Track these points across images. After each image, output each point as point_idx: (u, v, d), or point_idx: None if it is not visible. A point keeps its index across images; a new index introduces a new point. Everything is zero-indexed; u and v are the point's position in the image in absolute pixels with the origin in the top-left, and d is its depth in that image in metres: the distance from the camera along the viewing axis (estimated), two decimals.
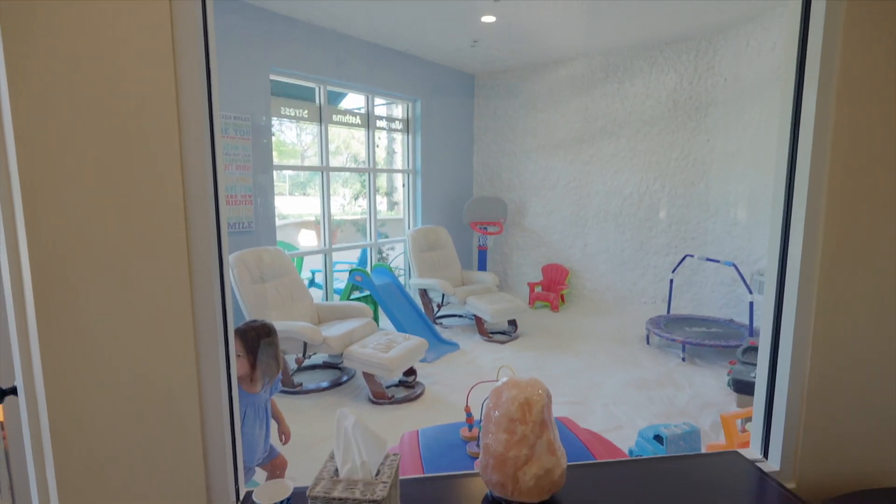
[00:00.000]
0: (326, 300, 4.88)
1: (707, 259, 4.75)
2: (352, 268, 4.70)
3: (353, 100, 5.23)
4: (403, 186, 5.83)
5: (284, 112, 4.40)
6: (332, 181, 4.91)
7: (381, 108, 5.53)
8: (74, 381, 0.85)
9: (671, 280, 4.95)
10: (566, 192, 5.90)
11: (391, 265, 5.73)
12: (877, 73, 1.10)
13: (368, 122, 5.19)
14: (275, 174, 4.18)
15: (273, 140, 4.19)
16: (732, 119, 4.73)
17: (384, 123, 5.52)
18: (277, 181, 4.30)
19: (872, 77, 1.10)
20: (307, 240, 6.47)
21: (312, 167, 4.85)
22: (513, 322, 4.90)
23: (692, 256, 4.93)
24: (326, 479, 0.86)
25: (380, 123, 5.42)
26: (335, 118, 4.86)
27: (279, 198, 4.47)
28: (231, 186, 3.82)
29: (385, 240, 6.03)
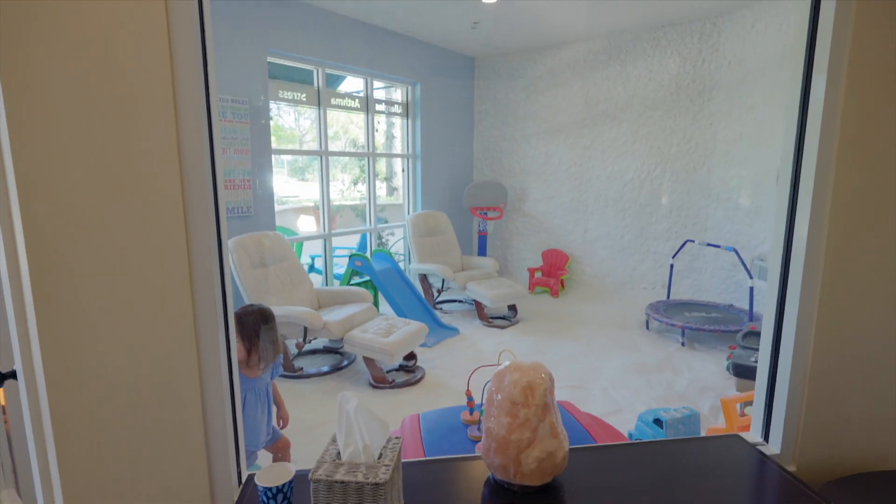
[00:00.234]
0: (326, 285, 4.88)
1: (708, 244, 4.74)
2: (351, 253, 4.69)
3: (352, 83, 5.17)
4: (403, 171, 5.79)
5: (282, 95, 4.34)
6: (332, 167, 4.87)
7: (380, 92, 5.47)
8: (74, 365, 0.85)
9: (671, 265, 4.95)
10: (567, 177, 5.86)
11: (391, 250, 5.72)
12: (887, 58, 1.08)
13: (367, 106, 5.13)
14: (273, 159, 4.14)
15: (271, 125, 4.14)
16: (736, 103, 4.68)
17: (383, 107, 5.45)
18: (276, 166, 4.26)
19: (883, 61, 1.08)
20: (306, 225, 6.46)
21: (311, 151, 4.81)
22: (513, 307, 4.91)
23: (693, 242, 4.92)
24: (329, 463, 0.86)
25: (379, 107, 5.36)
26: (334, 101, 4.80)
27: (278, 183, 4.44)
28: (229, 171, 3.79)
29: (385, 225, 6.01)
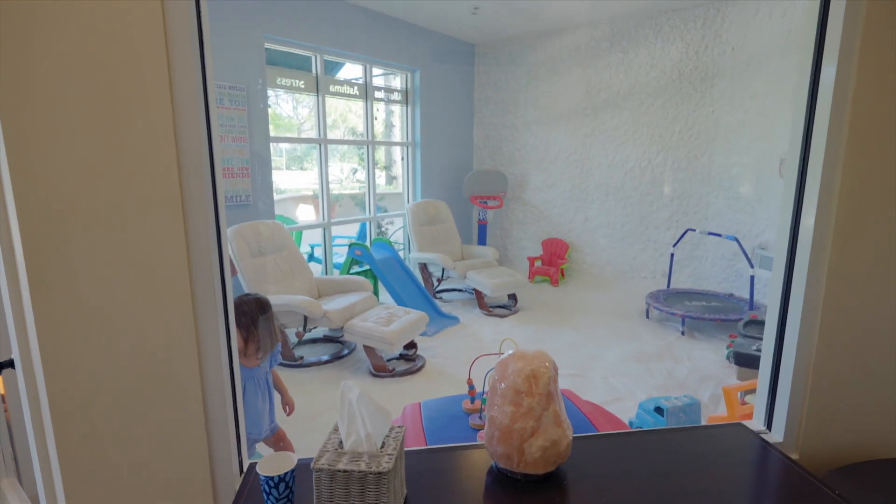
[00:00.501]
0: (326, 274, 4.87)
1: (709, 233, 4.73)
2: (351, 242, 4.67)
3: (351, 70, 5.11)
4: (402, 160, 5.75)
5: (280, 82, 4.29)
6: (330, 156, 4.83)
7: (379, 79, 5.41)
8: (72, 353, 0.84)
9: (672, 254, 4.94)
10: (567, 166, 5.83)
11: (391, 239, 5.70)
12: None
13: (366, 93, 5.08)
14: (272, 147, 4.10)
15: (269, 113, 4.10)
16: (738, 90, 4.63)
17: (382, 94, 5.40)
18: (274, 155, 4.22)
19: (895, 48, 1.06)
20: (305, 214, 6.43)
21: (310, 139, 4.77)
22: (513, 296, 4.90)
23: (694, 230, 4.90)
24: (331, 452, 0.85)
25: (378, 94, 5.30)
26: (332, 89, 4.74)
27: (276, 172, 4.40)
28: (228, 159, 3.75)
29: (384, 214, 5.98)
